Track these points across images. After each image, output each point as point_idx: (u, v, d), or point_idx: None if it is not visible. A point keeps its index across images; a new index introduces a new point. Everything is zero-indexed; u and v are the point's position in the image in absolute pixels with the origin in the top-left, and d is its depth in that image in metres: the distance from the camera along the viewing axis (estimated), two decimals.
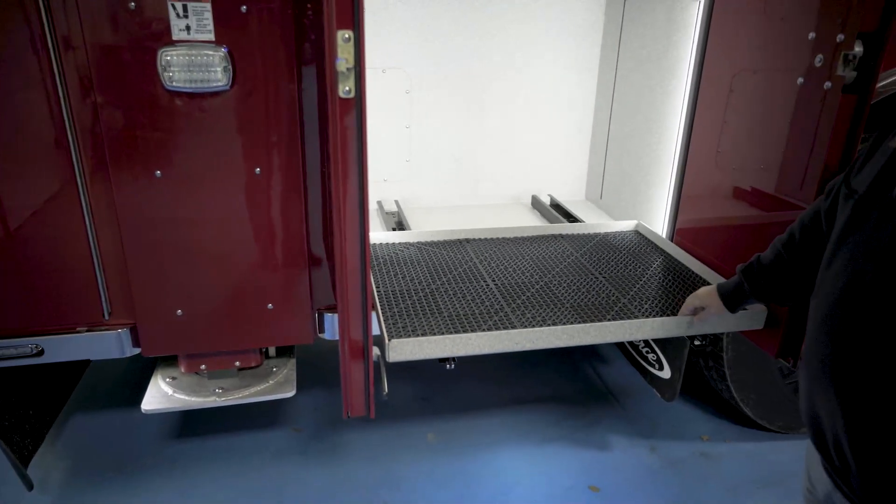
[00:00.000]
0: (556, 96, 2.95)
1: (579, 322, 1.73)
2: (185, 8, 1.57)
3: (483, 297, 1.88)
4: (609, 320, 1.75)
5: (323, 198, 1.85)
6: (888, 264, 0.91)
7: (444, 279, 2.00)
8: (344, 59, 1.17)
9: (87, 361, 2.54)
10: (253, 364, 2.02)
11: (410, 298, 1.85)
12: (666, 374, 2.15)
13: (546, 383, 2.77)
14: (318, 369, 2.78)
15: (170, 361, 2.07)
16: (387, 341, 1.58)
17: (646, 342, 2.19)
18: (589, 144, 3.08)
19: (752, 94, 1.85)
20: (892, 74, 2.06)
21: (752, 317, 1.80)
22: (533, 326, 1.70)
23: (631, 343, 2.28)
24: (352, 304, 1.41)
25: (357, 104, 1.20)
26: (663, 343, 2.10)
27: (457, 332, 1.66)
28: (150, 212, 1.72)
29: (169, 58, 1.60)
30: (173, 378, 2.00)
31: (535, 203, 3.02)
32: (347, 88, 1.20)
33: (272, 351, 2.13)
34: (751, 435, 2.48)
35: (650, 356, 2.24)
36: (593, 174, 3.07)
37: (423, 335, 1.63)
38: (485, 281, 2.00)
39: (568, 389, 2.74)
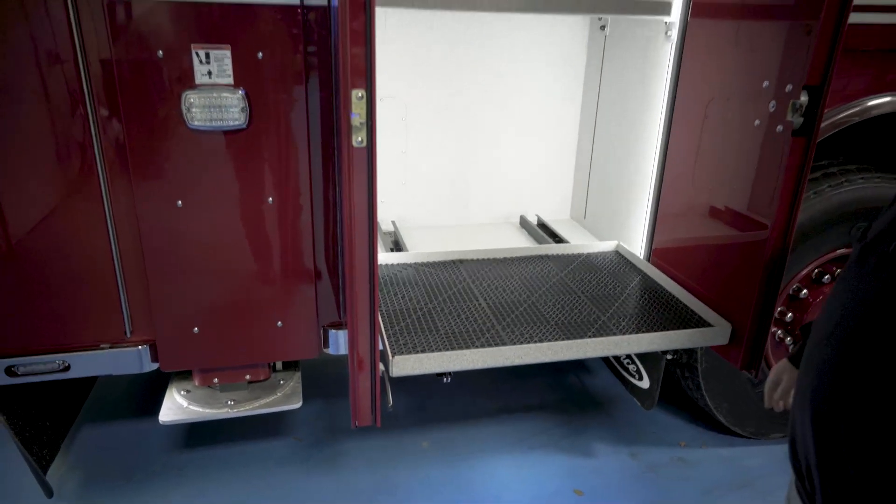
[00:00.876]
0: (543, 122, 3.13)
1: (563, 339, 1.89)
2: (207, 55, 1.73)
3: (476, 315, 2.04)
4: (590, 337, 1.91)
5: (326, 224, 2.01)
6: (874, 314, 0.96)
7: (441, 298, 2.16)
8: (357, 114, 1.34)
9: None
10: (262, 377, 2.16)
11: (410, 317, 2.01)
12: (645, 384, 2.32)
13: (534, 393, 2.92)
14: (316, 381, 2.90)
15: (183, 375, 2.21)
16: (390, 357, 1.73)
17: (626, 354, 2.36)
18: (573, 167, 3.26)
19: (717, 130, 2.04)
20: (843, 110, 2.28)
21: (718, 333, 1.98)
22: (521, 343, 1.85)
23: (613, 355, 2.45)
24: (360, 325, 1.57)
25: (368, 152, 1.38)
26: (642, 355, 2.27)
27: (453, 348, 1.80)
28: (172, 238, 1.86)
29: (192, 100, 1.76)
30: (187, 391, 2.14)
31: (524, 223, 3.19)
32: (360, 139, 1.37)
33: (279, 364, 2.28)
34: (725, 440, 2.64)
35: (631, 367, 2.41)
36: (577, 195, 3.25)
37: (422, 352, 1.77)
38: (477, 300, 2.16)
39: (555, 399, 2.89)
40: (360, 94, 1.34)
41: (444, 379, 1.84)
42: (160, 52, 1.70)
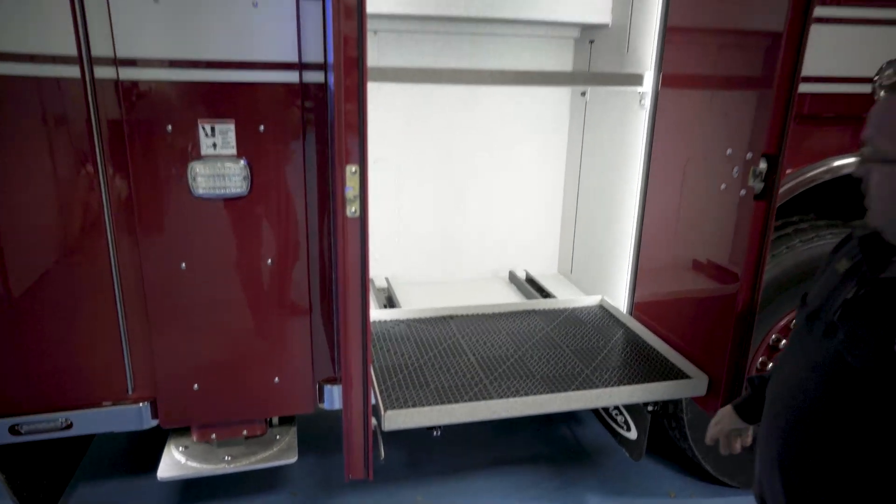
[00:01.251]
0: (530, 181, 3.28)
1: (548, 392, 1.97)
2: (212, 129, 1.88)
3: (465, 370, 2.12)
4: (573, 390, 1.99)
5: (322, 282, 2.11)
6: (827, 382, 1.02)
7: (431, 354, 2.24)
8: (351, 187, 1.47)
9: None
10: (259, 432, 2.22)
11: (402, 372, 2.09)
12: (633, 434, 2.38)
13: (525, 445, 2.95)
14: (311, 435, 2.94)
15: (182, 431, 2.26)
16: (383, 412, 1.80)
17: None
18: (559, 224, 3.40)
19: (688, 193, 2.19)
20: (813, 169, 2.43)
21: (696, 384, 2.07)
22: (508, 397, 1.93)
23: None
24: (354, 381, 1.66)
25: (361, 222, 1.50)
26: (629, 406, 2.33)
27: (442, 402, 1.88)
28: (175, 299, 1.96)
29: (197, 170, 1.89)
30: (186, 447, 2.19)
31: (512, 278, 3.30)
32: (353, 209, 1.50)
33: (275, 419, 2.33)
34: (714, 490, 2.66)
35: (619, 418, 2.48)
36: (564, 251, 3.38)
37: (413, 406, 1.85)
38: (466, 355, 2.25)
39: (545, 451, 2.92)
40: (353, 170, 1.48)
41: (435, 433, 1.91)
42: (169, 126, 1.84)
